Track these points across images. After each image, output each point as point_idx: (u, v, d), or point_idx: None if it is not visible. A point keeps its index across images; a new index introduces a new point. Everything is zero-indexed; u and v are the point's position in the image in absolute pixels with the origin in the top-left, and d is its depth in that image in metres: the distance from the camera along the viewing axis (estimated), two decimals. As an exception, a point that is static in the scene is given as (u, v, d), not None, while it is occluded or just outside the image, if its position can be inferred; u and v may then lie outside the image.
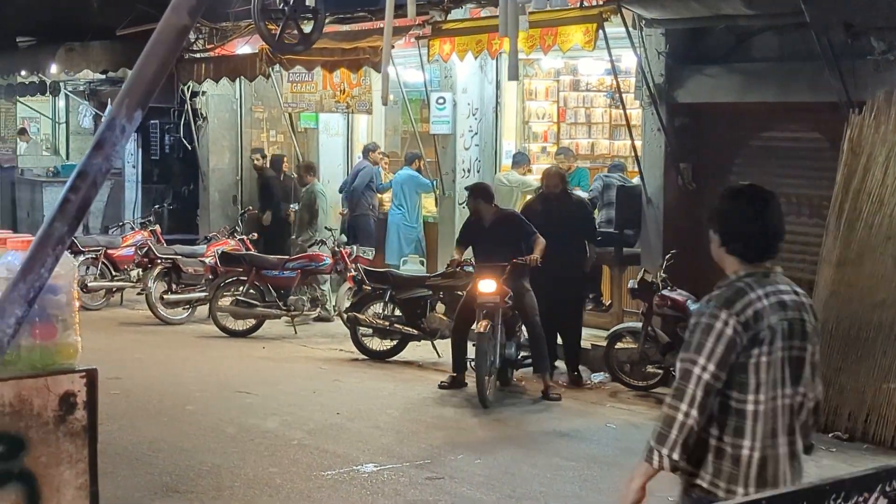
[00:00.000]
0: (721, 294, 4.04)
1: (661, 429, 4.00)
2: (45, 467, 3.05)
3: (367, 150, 16.54)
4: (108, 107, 21.39)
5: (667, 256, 11.37)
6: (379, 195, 16.38)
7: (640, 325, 11.32)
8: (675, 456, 4.00)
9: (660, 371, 11.08)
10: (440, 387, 11.09)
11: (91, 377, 3.15)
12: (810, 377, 4.12)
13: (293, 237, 16.25)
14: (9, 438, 3.00)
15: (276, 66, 15.88)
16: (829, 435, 9.63)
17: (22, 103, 23.63)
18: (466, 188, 11.73)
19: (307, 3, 12.28)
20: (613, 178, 13.28)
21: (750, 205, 4.21)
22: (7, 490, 2.99)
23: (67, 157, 23.15)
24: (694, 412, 3.94)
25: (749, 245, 4.12)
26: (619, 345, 11.55)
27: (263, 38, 12.70)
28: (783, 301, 4.05)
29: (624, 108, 13.46)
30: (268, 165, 17.78)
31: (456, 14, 14.14)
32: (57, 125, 24.28)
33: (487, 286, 10.62)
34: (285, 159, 17.97)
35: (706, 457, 4.05)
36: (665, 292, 11.02)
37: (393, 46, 14.28)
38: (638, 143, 12.92)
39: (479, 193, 11.25)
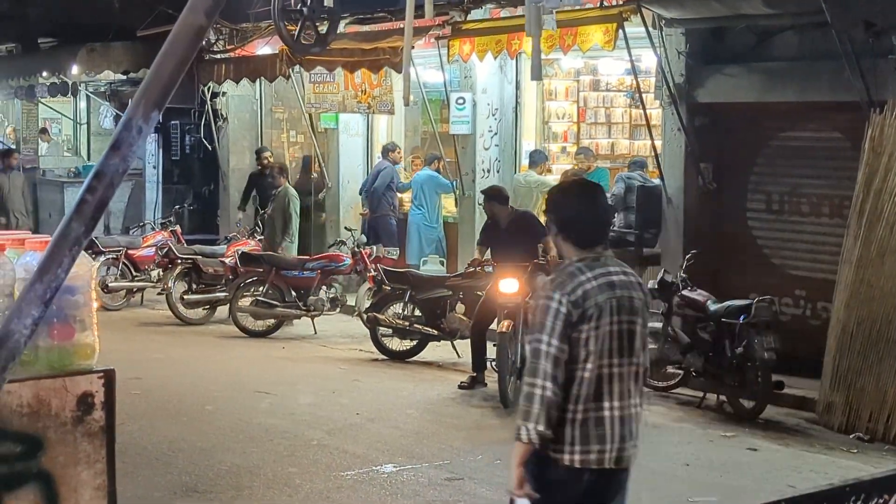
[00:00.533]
0: (556, 278, 4.48)
1: (524, 405, 4.37)
2: (62, 467, 3.06)
3: (387, 150, 16.54)
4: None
5: (687, 256, 11.33)
6: (399, 195, 16.36)
7: (659, 325, 11.27)
8: (541, 427, 4.35)
9: (680, 371, 11.03)
10: (460, 387, 11.08)
11: (109, 378, 3.15)
12: (641, 347, 4.53)
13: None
14: (27, 439, 3.01)
15: (297, 67, 15.89)
16: (851, 436, 9.59)
17: (43, 104, 23.73)
18: (482, 192, 11.75)
19: (325, 4, 12.27)
20: (635, 177, 13.21)
21: (579, 197, 4.70)
22: (25, 490, 3.00)
23: (88, 158, 23.25)
24: (549, 384, 4.33)
25: (580, 233, 4.53)
26: (638, 345, 11.49)
27: (282, 39, 12.70)
28: (611, 281, 4.45)
29: (644, 108, 13.45)
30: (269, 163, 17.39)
31: (476, 14, 14.14)
32: (78, 126, 24.39)
33: (509, 286, 10.59)
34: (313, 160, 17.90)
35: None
36: (685, 292, 10.99)
37: (413, 47, 14.31)
38: (658, 143, 12.89)
39: (494, 196, 11.33)
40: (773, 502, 3.11)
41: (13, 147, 21.28)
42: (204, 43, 18.15)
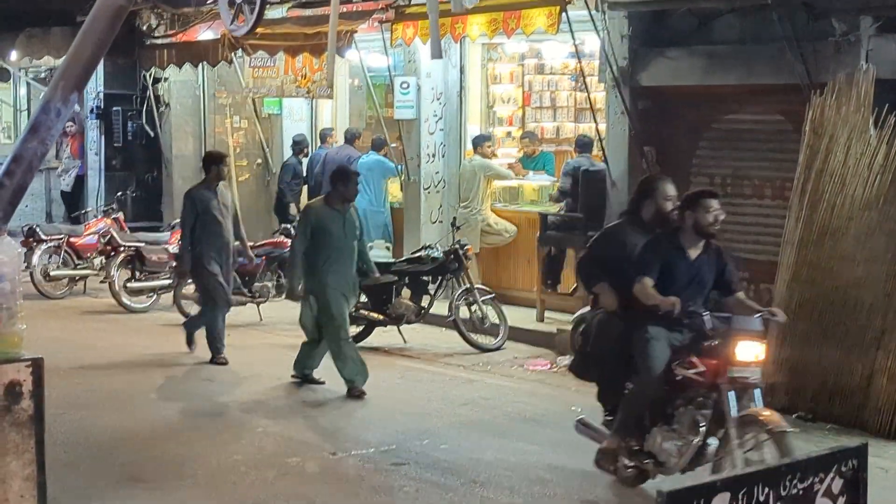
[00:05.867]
0: None
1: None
2: (-10, 458, 3.00)
3: (325, 136, 16.54)
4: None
5: (630, 239, 11.35)
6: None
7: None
8: None
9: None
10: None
11: (37, 366, 3.09)
12: None
13: None
14: (-47, 429, 2.95)
15: (239, 52, 15.75)
16: (794, 416, 9.66)
17: (-21, 90, 23.39)
18: (686, 196, 7.65)
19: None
20: (583, 163, 13.19)
21: None
22: (-49, 482, 2.94)
23: (29, 145, 22.91)
24: None
25: None
26: (583, 328, 11.52)
27: (223, 20, 12.53)
28: None
29: (588, 92, 13.47)
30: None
31: (421, -1, 14.07)
32: (18, 112, 24.02)
33: (750, 351, 7.09)
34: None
35: None
36: (630, 275, 11.01)
37: (355, 31, 14.24)
38: (602, 127, 12.91)
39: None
40: (709, 482, 3.11)
41: None
42: (145, 28, 18.05)
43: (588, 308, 11.65)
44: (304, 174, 16.63)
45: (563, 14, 11.84)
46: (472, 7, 10.93)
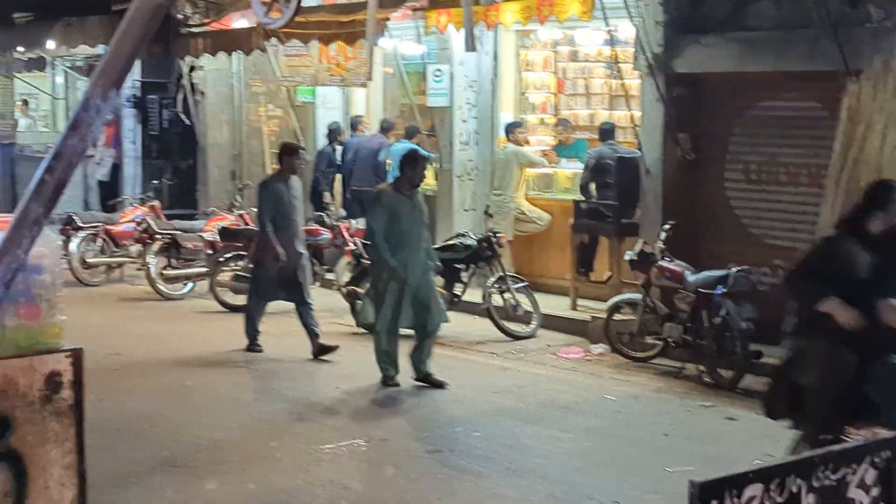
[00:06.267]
0: None
1: None
2: (31, 447, 3.05)
3: (356, 124, 16.58)
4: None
5: (665, 227, 11.35)
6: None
7: (638, 296, 11.32)
8: None
9: (659, 342, 11.09)
10: None
11: (77, 356, 3.14)
12: None
13: None
14: (-5, 418, 3.00)
15: (273, 40, 15.80)
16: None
17: (20, 79, 23.57)
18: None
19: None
20: (604, 152, 13.11)
21: None
22: (-6, 469, 2.99)
23: (66, 133, 23.09)
24: None
25: None
26: (617, 316, 11.56)
27: (256, 12, 12.56)
28: None
29: (622, 79, 13.42)
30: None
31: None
32: (55, 101, 24.22)
33: None
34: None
35: None
36: (663, 263, 11.02)
37: (388, 19, 14.25)
38: (637, 114, 12.87)
39: None
40: (742, 473, 3.12)
41: None
42: (180, 17, 18.12)
43: (624, 296, 11.73)
44: (339, 162, 16.68)
45: (598, 1, 11.80)
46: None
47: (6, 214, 3.28)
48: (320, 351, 11.30)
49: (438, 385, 10.18)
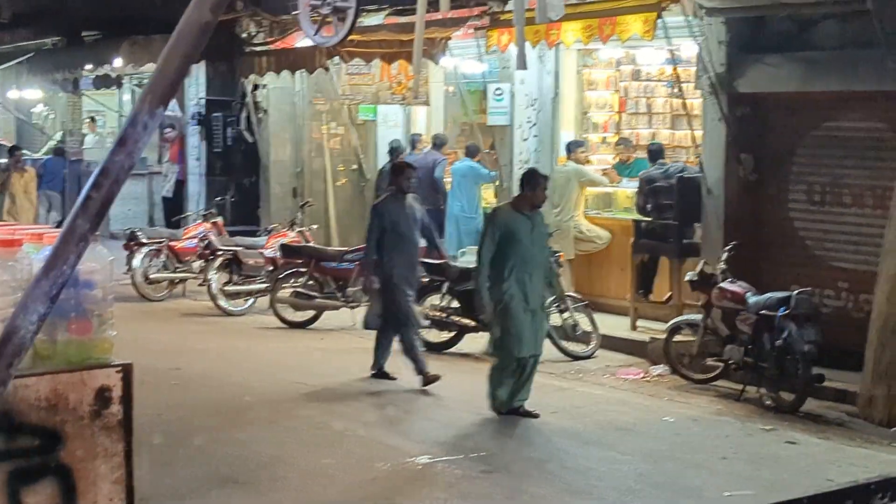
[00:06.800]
0: None
1: None
2: (80, 461, 3.07)
3: (414, 142, 16.64)
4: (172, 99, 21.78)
5: (727, 248, 11.24)
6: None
7: (699, 317, 11.21)
8: None
9: (719, 364, 10.96)
10: None
11: (126, 372, 3.16)
12: None
13: None
14: (45, 432, 3.02)
15: (336, 59, 15.91)
16: (892, 430, 9.49)
17: (88, 97, 23.95)
18: None
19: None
20: (653, 173, 13.05)
21: None
22: (43, 483, 3.01)
23: (132, 150, 23.40)
24: None
25: None
26: (677, 337, 11.45)
27: (305, 31, 12.58)
28: None
29: (684, 98, 13.34)
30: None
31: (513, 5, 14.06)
32: (122, 118, 24.58)
33: None
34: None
35: None
36: (724, 284, 10.90)
37: (450, 38, 14.30)
38: (698, 134, 12.78)
39: None
40: (794, 499, 3.06)
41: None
42: (245, 35, 18.32)
43: (684, 317, 11.62)
44: None
45: (660, 20, 11.75)
46: (556, 19, 10.75)
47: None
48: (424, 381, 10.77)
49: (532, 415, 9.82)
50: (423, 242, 11.44)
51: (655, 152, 13.36)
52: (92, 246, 3.14)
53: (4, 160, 20.70)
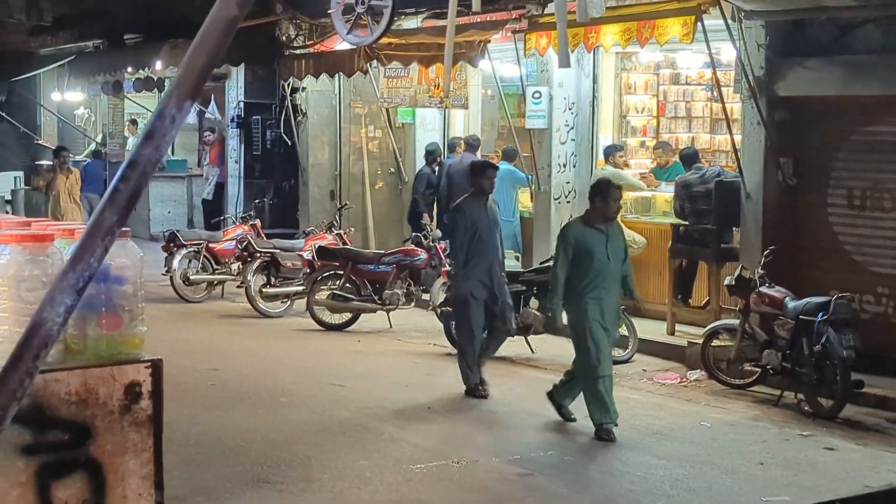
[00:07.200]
0: None
1: None
2: (110, 456, 3.09)
3: (453, 146, 16.60)
4: (212, 102, 21.84)
5: (765, 253, 11.16)
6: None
7: (737, 322, 11.14)
8: None
9: (757, 369, 10.88)
10: None
11: (156, 367, 3.17)
12: None
13: None
14: (75, 427, 3.04)
15: (374, 62, 15.94)
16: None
17: (129, 99, 24.14)
18: None
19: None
20: (689, 178, 12.98)
21: None
22: (73, 477, 3.03)
23: (172, 152, 23.58)
24: None
25: None
26: (715, 342, 11.38)
27: (338, 30, 12.57)
28: None
29: (723, 102, 13.26)
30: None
31: (553, 8, 14.03)
32: (163, 121, 24.73)
33: None
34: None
35: None
36: (763, 289, 10.82)
37: (489, 41, 14.29)
38: (738, 138, 12.70)
39: None
40: (827, 502, 3.03)
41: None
42: (284, 38, 18.41)
43: (722, 321, 11.54)
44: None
45: (699, 23, 11.69)
46: (598, 16, 10.67)
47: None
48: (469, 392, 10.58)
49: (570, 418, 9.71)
50: None
51: (689, 157, 13.29)
52: (123, 242, 3.16)
53: (48, 162, 20.93)
